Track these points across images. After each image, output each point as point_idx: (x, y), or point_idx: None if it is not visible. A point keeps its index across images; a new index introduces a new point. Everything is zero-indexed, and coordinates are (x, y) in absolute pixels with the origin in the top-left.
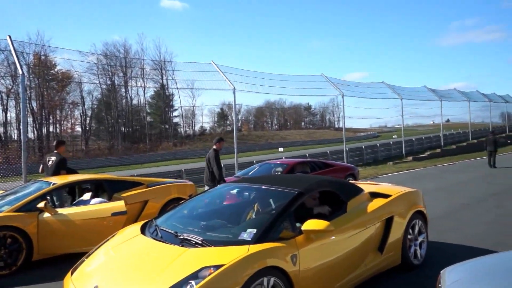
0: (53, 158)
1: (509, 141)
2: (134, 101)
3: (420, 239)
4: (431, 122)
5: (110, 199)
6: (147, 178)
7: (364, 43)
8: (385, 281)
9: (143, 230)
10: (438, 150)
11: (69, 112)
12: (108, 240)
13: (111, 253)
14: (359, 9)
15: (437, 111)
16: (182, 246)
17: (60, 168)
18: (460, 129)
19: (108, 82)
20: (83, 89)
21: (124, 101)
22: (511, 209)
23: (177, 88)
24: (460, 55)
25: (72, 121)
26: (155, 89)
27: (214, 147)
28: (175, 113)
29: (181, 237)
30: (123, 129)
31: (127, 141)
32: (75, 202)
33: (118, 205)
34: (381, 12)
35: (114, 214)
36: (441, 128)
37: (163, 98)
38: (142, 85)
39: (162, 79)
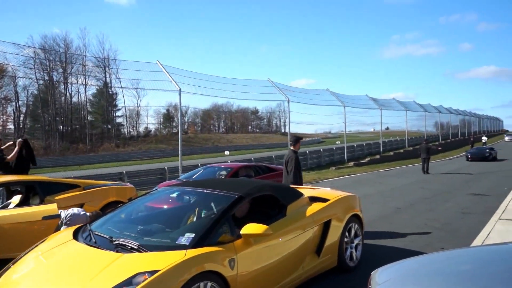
0: None
1: (440, 148)
2: (74, 99)
3: (356, 241)
4: (372, 130)
5: (42, 202)
6: (84, 180)
7: (311, 51)
8: (321, 283)
9: (76, 235)
10: (378, 156)
11: (1, 108)
12: (37, 245)
13: (40, 259)
14: (306, 18)
15: (377, 119)
16: (117, 251)
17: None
18: (398, 137)
19: (46, 78)
20: (18, 84)
21: (63, 98)
22: (440, 212)
23: (121, 87)
24: (399, 67)
25: (4, 118)
26: (98, 87)
27: (292, 148)
28: (119, 113)
29: (116, 242)
30: (61, 128)
31: (65, 141)
32: (3, 204)
33: (50, 208)
34: (327, 21)
35: (45, 218)
36: (381, 135)
37: (106, 97)
38: (83, 83)
39: (105, 77)
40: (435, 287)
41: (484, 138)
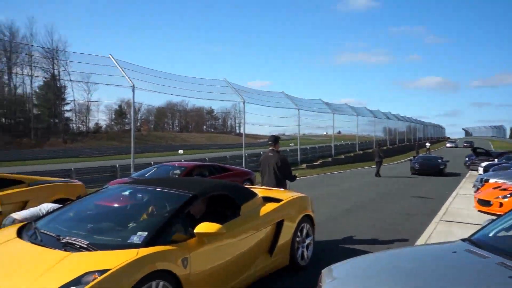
0: None
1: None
2: (19, 90)
3: (307, 241)
4: (325, 133)
5: None
6: (29, 176)
7: (267, 53)
8: (273, 282)
9: (20, 233)
10: (330, 159)
11: None
12: None
13: None
14: (263, 20)
15: (330, 122)
16: (65, 250)
17: None
18: (349, 141)
19: None
20: None
21: (6, 89)
22: (387, 214)
23: (70, 80)
24: (352, 73)
25: None
26: (45, 79)
27: (273, 148)
28: (67, 107)
29: (64, 240)
30: (3, 120)
31: (7, 135)
32: None
33: None
34: (284, 25)
35: None
36: (333, 138)
37: (53, 90)
38: (29, 74)
39: (53, 68)
40: (381, 284)
41: (428, 144)
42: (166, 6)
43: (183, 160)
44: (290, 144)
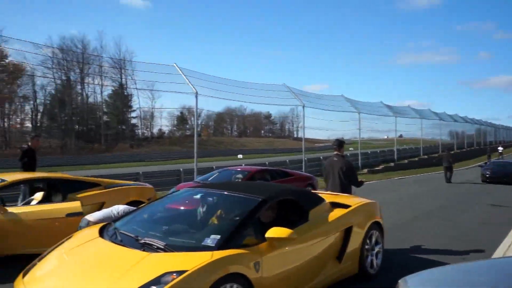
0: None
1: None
2: (90, 99)
3: (376, 249)
4: (386, 137)
5: (64, 199)
6: (105, 179)
7: (325, 57)
8: None
9: (101, 233)
10: (392, 164)
11: (19, 106)
12: (63, 242)
13: (64, 257)
14: (320, 23)
15: (391, 126)
16: (144, 250)
17: (20, 159)
18: (412, 145)
19: (63, 78)
20: (36, 83)
21: (79, 98)
22: (458, 222)
23: (136, 88)
24: (414, 74)
25: (22, 116)
26: (113, 88)
27: (337, 152)
28: (133, 114)
29: (143, 241)
30: (77, 127)
31: (81, 140)
32: (26, 201)
33: (74, 205)
34: (342, 27)
35: (69, 215)
36: (395, 143)
37: (121, 98)
38: (100, 83)
39: (121, 78)
40: None
41: (500, 148)
42: (224, 15)
43: (243, 165)
44: (350, 149)
